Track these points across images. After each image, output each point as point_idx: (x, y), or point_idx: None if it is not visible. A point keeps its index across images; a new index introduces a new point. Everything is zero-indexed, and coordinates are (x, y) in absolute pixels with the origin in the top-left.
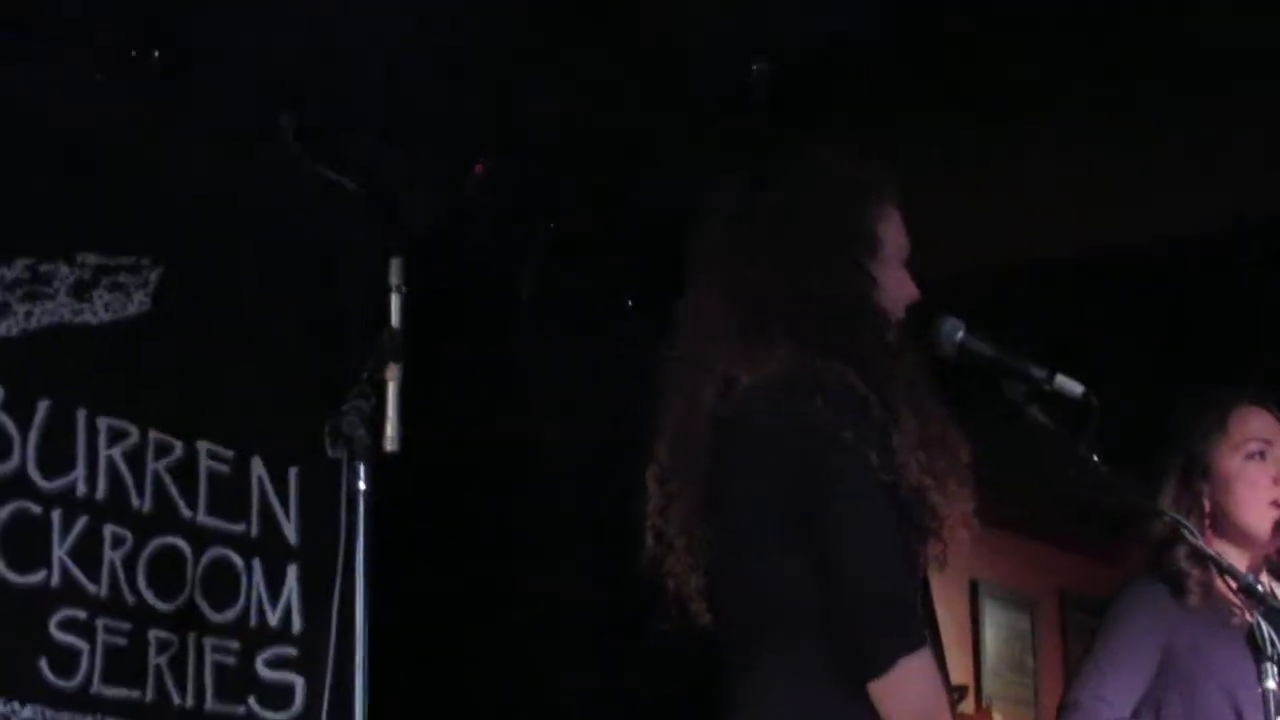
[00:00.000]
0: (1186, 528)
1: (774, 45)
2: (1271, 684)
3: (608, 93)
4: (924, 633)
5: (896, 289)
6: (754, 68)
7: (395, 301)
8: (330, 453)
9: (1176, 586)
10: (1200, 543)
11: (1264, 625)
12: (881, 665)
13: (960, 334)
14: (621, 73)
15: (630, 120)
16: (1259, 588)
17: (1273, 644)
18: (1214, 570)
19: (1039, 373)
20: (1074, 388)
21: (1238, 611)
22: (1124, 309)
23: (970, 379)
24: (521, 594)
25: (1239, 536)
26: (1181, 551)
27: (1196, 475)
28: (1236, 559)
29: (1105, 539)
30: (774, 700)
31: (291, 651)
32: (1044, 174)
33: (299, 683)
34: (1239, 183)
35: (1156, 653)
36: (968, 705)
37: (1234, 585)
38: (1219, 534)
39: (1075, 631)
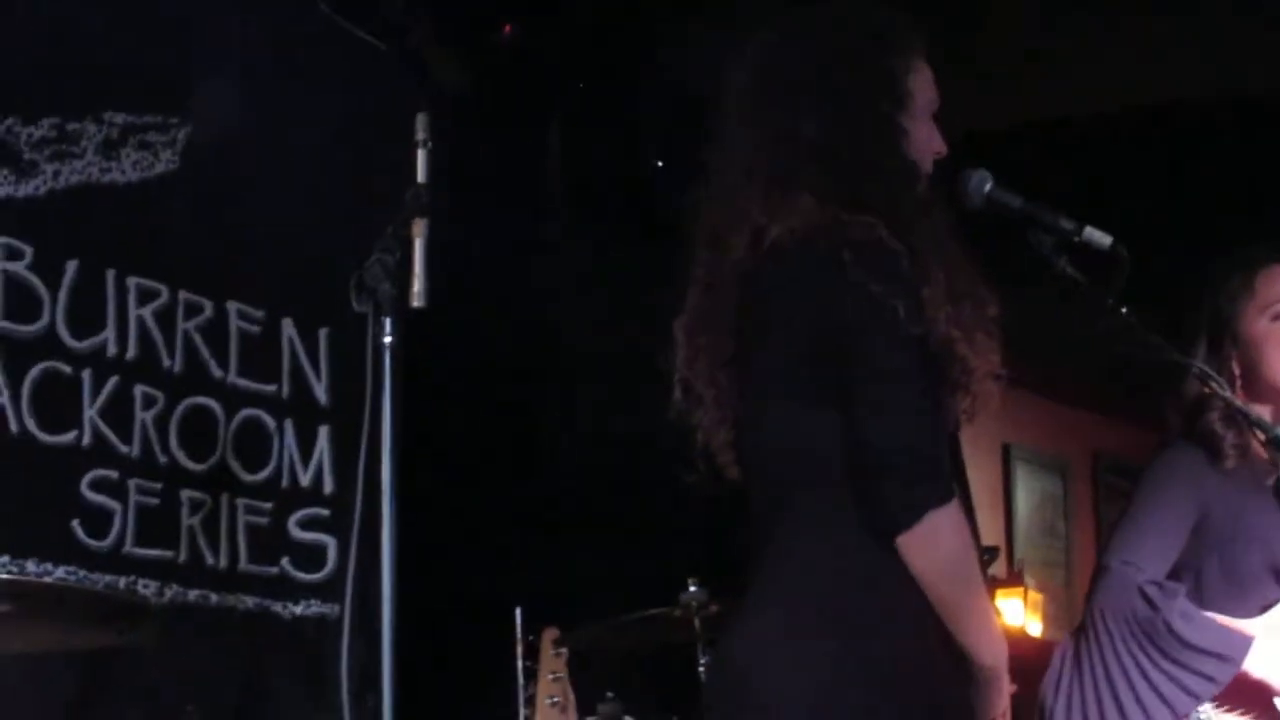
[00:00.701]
0: (1215, 379)
1: None
2: None
3: None
4: (952, 486)
5: (925, 142)
6: None
7: (422, 157)
8: (356, 306)
9: (1212, 449)
10: (1229, 394)
11: None
12: (909, 518)
13: (989, 185)
14: None
15: None
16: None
17: None
18: (1248, 429)
19: (1068, 224)
20: (1103, 239)
21: (1276, 468)
22: (1155, 169)
23: (998, 232)
24: (549, 450)
25: (1273, 395)
26: (1215, 413)
27: (1225, 338)
28: (1274, 418)
29: (1138, 402)
30: (803, 554)
31: (324, 512)
32: (1075, 31)
33: (331, 543)
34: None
35: (1191, 517)
36: (999, 568)
37: (1262, 438)
38: (1251, 395)
39: (1107, 495)
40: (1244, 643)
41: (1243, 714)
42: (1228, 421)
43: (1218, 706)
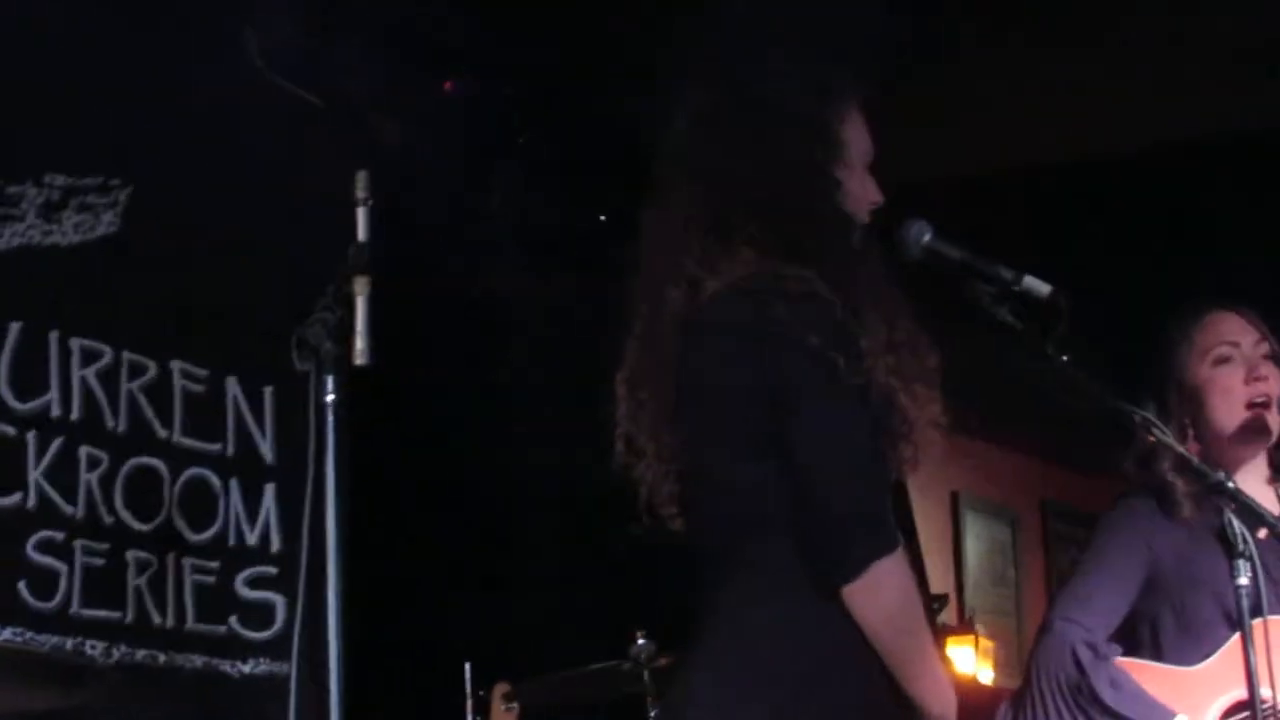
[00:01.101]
0: (1158, 427)
1: None
2: (1244, 580)
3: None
4: (896, 535)
5: (861, 192)
6: None
7: (362, 215)
8: (298, 365)
9: (1165, 498)
10: (1171, 441)
11: (1235, 522)
12: (854, 569)
13: (927, 236)
14: None
15: (597, 31)
16: (1230, 485)
17: (1244, 540)
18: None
19: (1006, 274)
20: (1041, 288)
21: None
22: (1105, 219)
23: (938, 284)
24: (495, 503)
25: (1220, 443)
26: (1168, 462)
27: (1171, 389)
28: (1226, 466)
29: (1087, 450)
30: (748, 607)
31: (271, 570)
32: (1020, 82)
33: (279, 601)
34: (1216, 96)
35: (1143, 569)
36: (949, 615)
37: (1205, 484)
38: (1202, 444)
39: (1057, 543)
40: (1164, 716)
41: None
42: (1180, 470)
43: None
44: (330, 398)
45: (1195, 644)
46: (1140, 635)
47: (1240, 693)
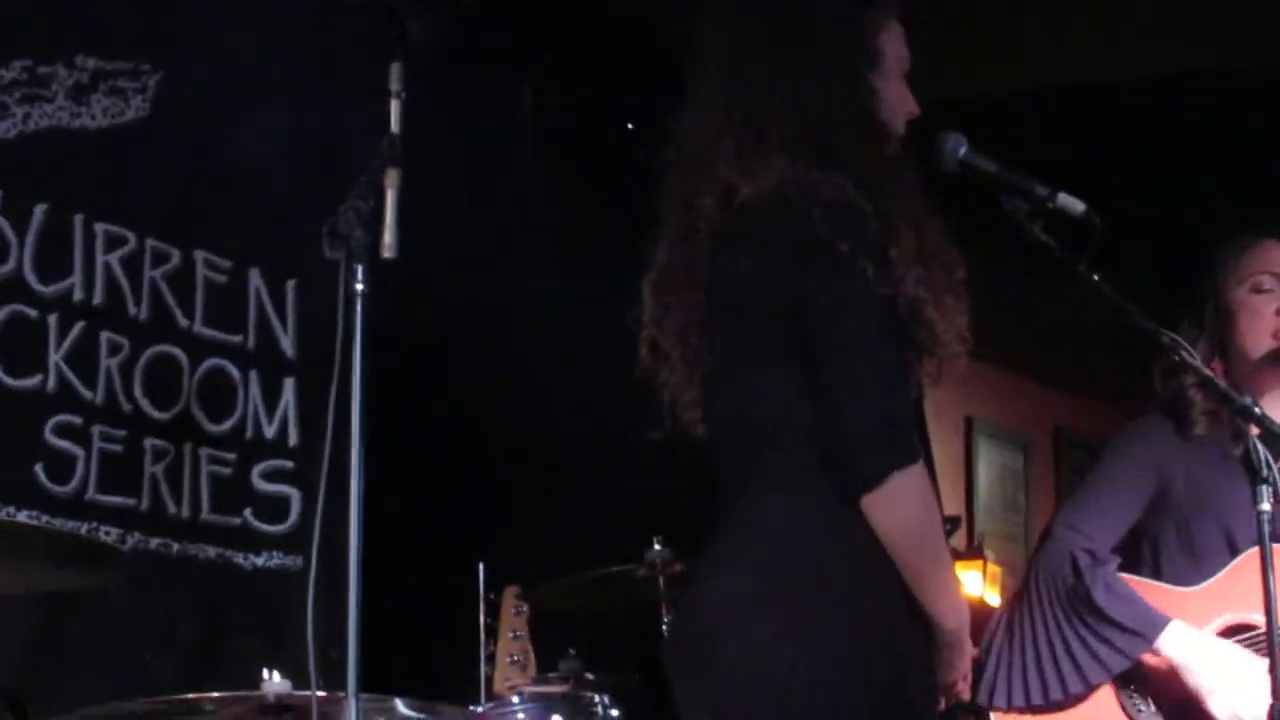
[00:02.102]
0: (1185, 348)
1: None
2: (1265, 506)
3: None
4: (917, 447)
5: (897, 102)
6: None
7: (395, 107)
8: (328, 253)
9: (1182, 415)
10: (1196, 361)
11: (1260, 447)
12: (873, 479)
13: (963, 149)
14: None
15: None
16: (1256, 409)
17: (1269, 466)
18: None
19: (1041, 190)
20: (1076, 205)
21: (1241, 439)
22: (1146, 143)
23: (965, 208)
24: (514, 405)
25: (1245, 367)
26: (1189, 379)
27: (1207, 307)
28: (1251, 390)
29: (1102, 379)
30: (768, 516)
31: (288, 464)
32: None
33: (294, 496)
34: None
35: (1150, 486)
36: (959, 540)
37: (1231, 407)
38: (1227, 366)
39: (1069, 470)
40: (1159, 622)
41: None
42: (1199, 387)
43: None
44: (360, 287)
45: (1195, 565)
46: (1141, 553)
47: (1234, 616)
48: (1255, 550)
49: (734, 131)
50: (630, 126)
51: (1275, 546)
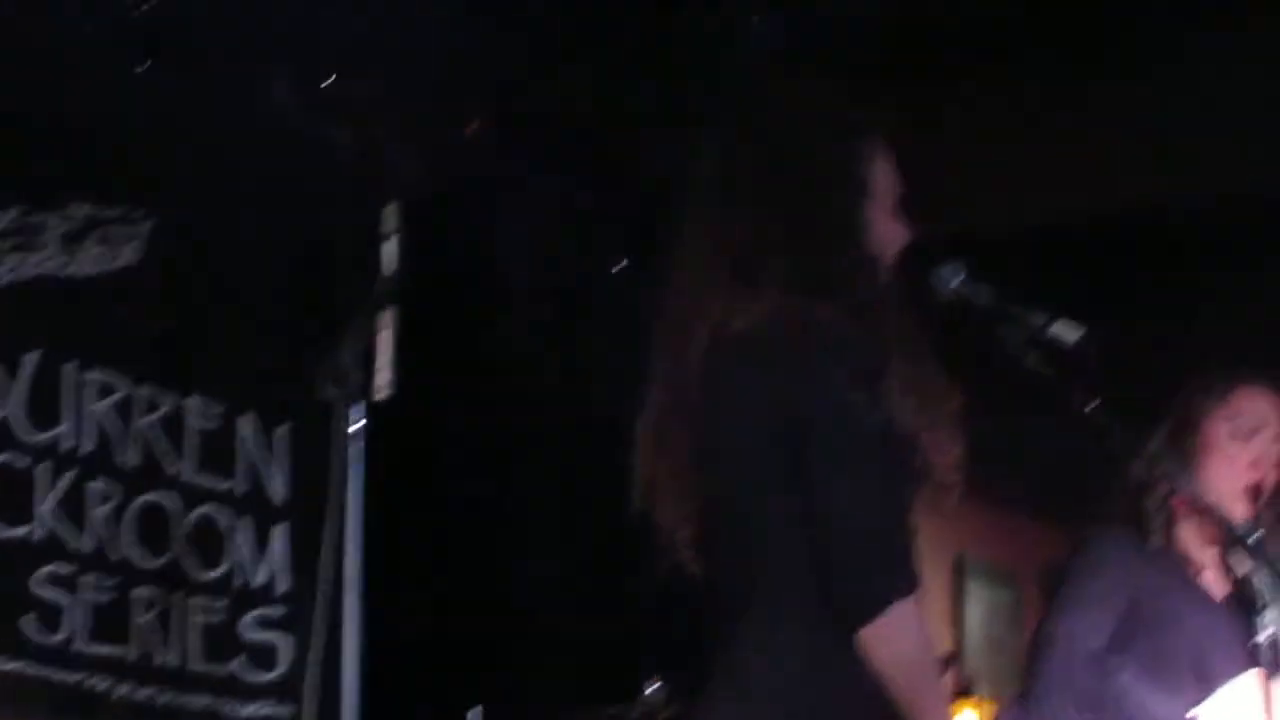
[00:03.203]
0: (1174, 470)
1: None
2: (1263, 637)
3: (603, 55)
4: (916, 578)
5: (887, 232)
6: (752, 19)
7: (389, 247)
8: (322, 395)
9: (1141, 530)
10: (1194, 488)
11: (1256, 577)
12: (872, 609)
13: (958, 279)
14: (618, 37)
15: (626, 81)
16: (1249, 539)
17: (1263, 596)
18: (1181, 519)
19: (1037, 319)
20: (1071, 334)
21: (1196, 566)
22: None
23: (967, 328)
24: (516, 549)
25: (1205, 507)
26: (1155, 498)
27: (1186, 431)
28: (1200, 530)
29: (1091, 515)
30: (766, 647)
31: (277, 611)
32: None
33: (284, 643)
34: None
35: (1124, 597)
36: (950, 680)
37: (1228, 537)
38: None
39: None
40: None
41: None
42: (1163, 512)
43: None
44: (355, 428)
45: (1164, 687)
46: (1110, 664)
47: None
48: (1246, 676)
49: (725, 266)
50: (625, 263)
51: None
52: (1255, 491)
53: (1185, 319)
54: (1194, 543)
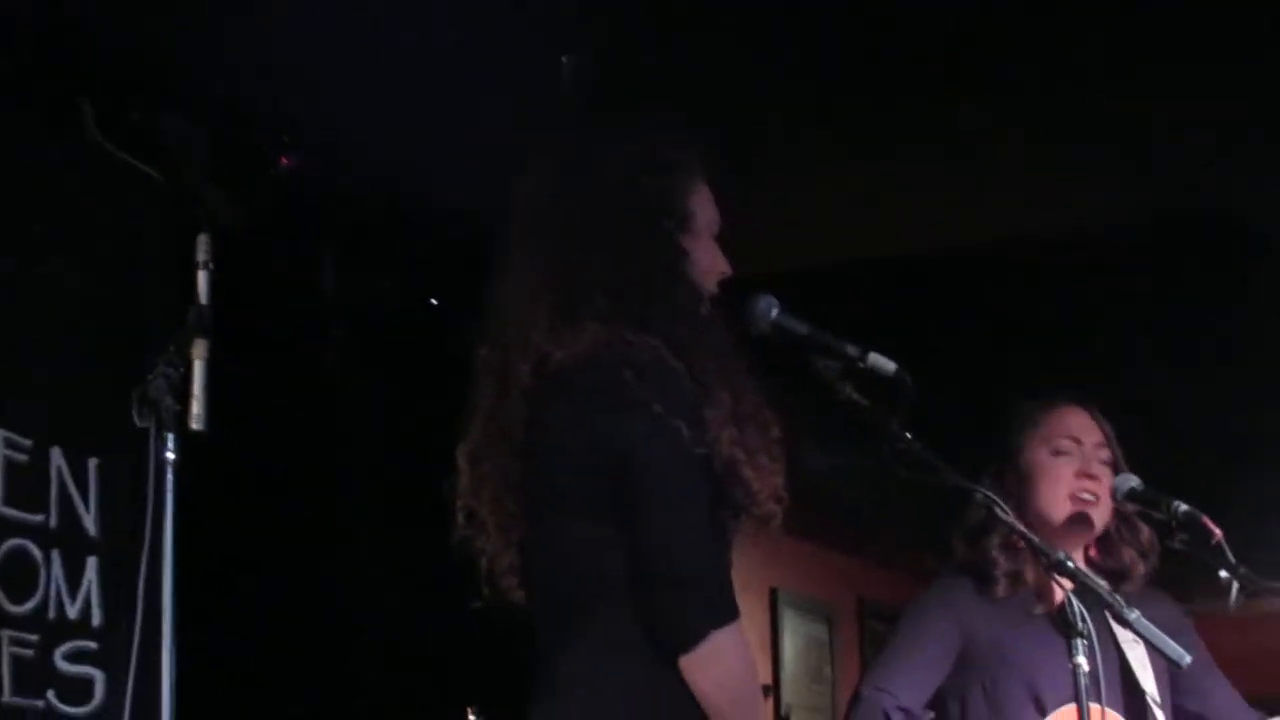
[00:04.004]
0: (999, 504)
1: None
2: (1082, 660)
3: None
4: (736, 606)
5: (708, 262)
6: (563, 59)
7: (203, 278)
8: (137, 421)
9: (984, 576)
10: (1012, 519)
11: (1075, 601)
12: (693, 638)
13: (775, 311)
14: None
15: (438, 117)
16: (1070, 564)
17: (1084, 620)
18: (1023, 558)
19: (853, 350)
20: (887, 365)
21: (1044, 599)
22: (939, 310)
23: (783, 358)
24: (333, 581)
25: (1042, 527)
26: (994, 540)
27: (1008, 467)
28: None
29: (902, 547)
30: (587, 676)
31: (91, 645)
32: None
33: (99, 676)
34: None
35: (955, 645)
36: (766, 712)
37: (1045, 562)
38: (1030, 528)
39: (872, 641)
40: None
41: None
42: (1004, 549)
43: None
44: (170, 456)
45: None
46: (950, 712)
47: None
48: (1067, 708)
49: (547, 298)
50: (435, 302)
51: (1092, 706)
52: (1090, 499)
53: (996, 350)
54: (1039, 573)
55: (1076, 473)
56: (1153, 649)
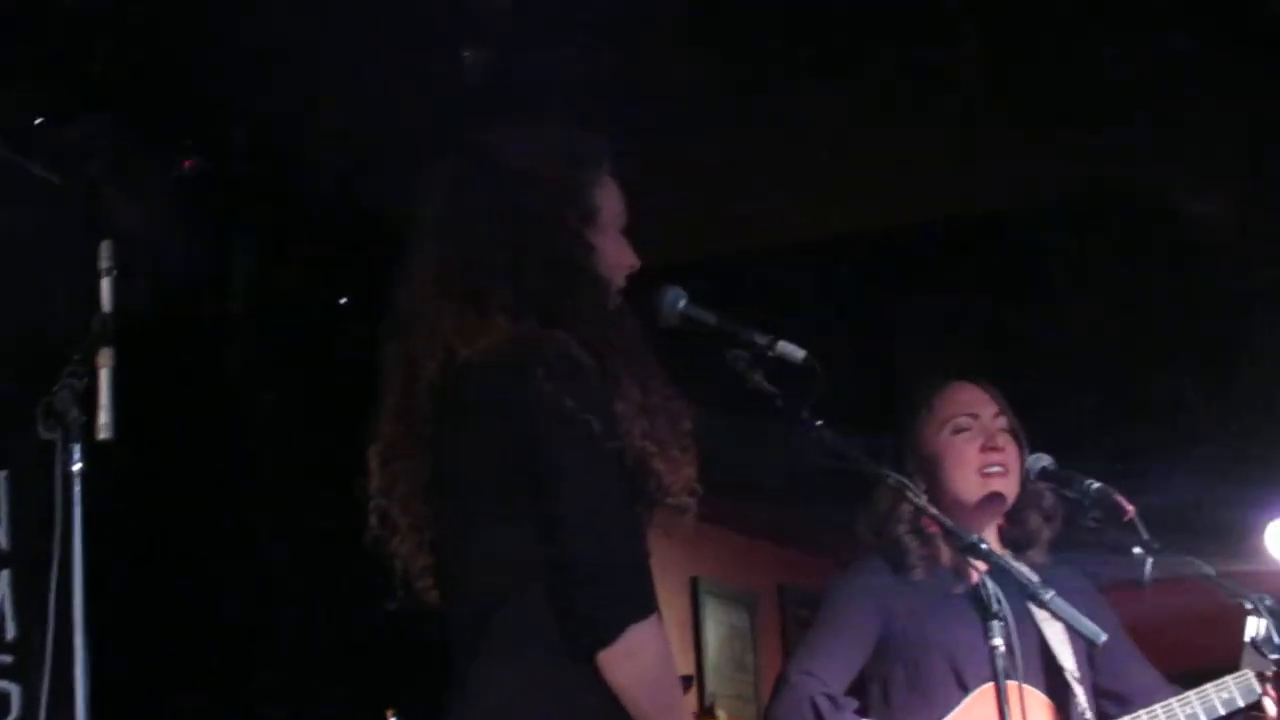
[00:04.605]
0: (910, 488)
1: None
2: (998, 641)
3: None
4: (654, 600)
5: (615, 256)
6: (465, 54)
7: (106, 285)
8: (43, 433)
9: (898, 561)
10: (923, 501)
11: (990, 583)
12: (610, 633)
13: (682, 302)
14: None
15: (344, 116)
16: (984, 545)
17: (999, 601)
18: (936, 540)
19: (761, 339)
20: (796, 353)
21: (961, 579)
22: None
23: (693, 350)
24: (246, 586)
25: (955, 509)
26: (903, 525)
27: (910, 456)
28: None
29: (822, 534)
30: (504, 674)
31: (6, 659)
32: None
33: (15, 690)
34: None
35: (875, 629)
36: (690, 701)
37: (958, 545)
38: (942, 511)
39: (794, 627)
40: None
41: None
42: (914, 534)
43: None
44: (77, 466)
45: (926, 704)
46: (871, 695)
47: None
48: (988, 686)
49: (454, 295)
50: (343, 301)
51: (1009, 683)
52: (999, 470)
53: (892, 337)
54: (952, 555)
55: (981, 447)
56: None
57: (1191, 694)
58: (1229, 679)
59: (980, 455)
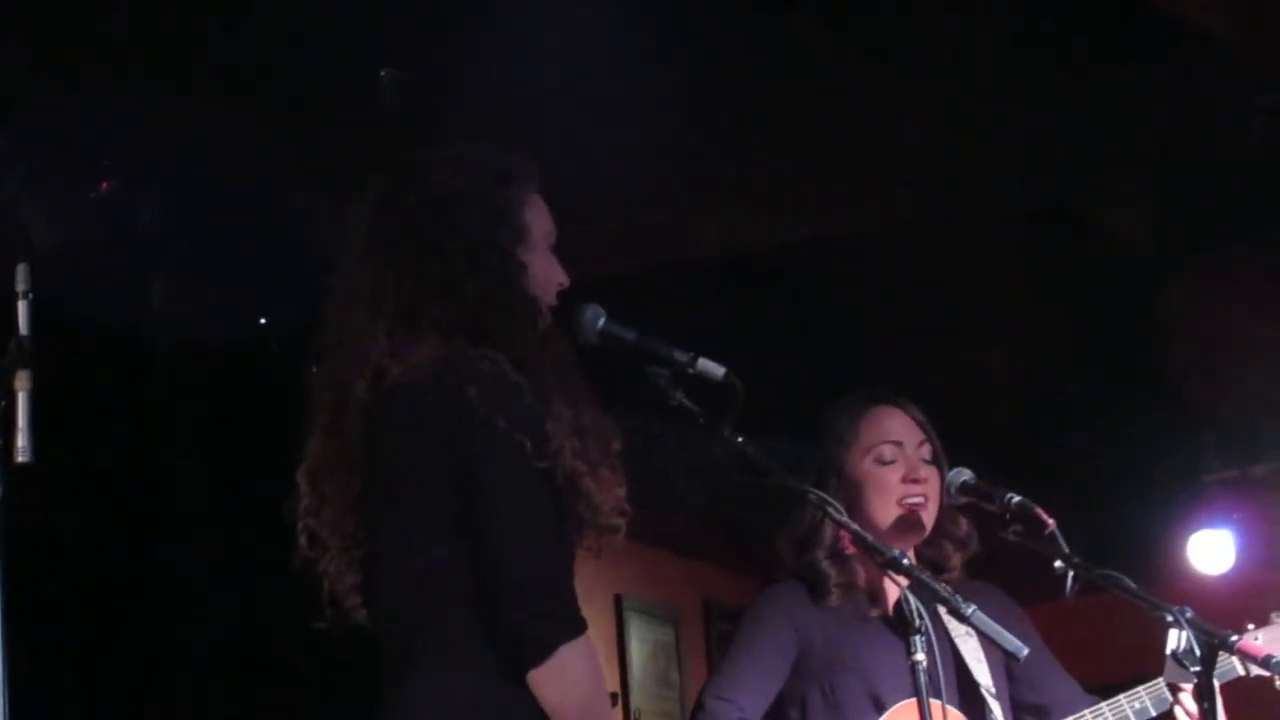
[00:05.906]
0: (832, 504)
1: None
2: (920, 656)
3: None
4: (582, 620)
5: (545, 274)
6: (381, 73)
7: (23, 308)
8: None
9: (815, 586)
10: (844, 517)
11: (912, 598)
12: (540, 653)
13: (601, 321)
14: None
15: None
16: (905, 560)
17: (920, 616)
18: (853, 563)
19: (681, 356)
20: (716, 370)
21: (878, 602)
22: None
23: (615, 368)
24: (170, 608)
25: (875, 533)
26: (822, 550)
27: (831, 477)
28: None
29: (746, 549)
30: (433, 693)
31: None
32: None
33: None
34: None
35: (791, 651)
36: (616, 718)
37: (880, 560)
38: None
39: (719, 643)
40: None
41: None
42: (832, 558)
43: None
44: None
45: None
46: (788, 717)
47: None
48: (907, 703)
49: (384, 314)
50: (264, 321)
51: (932, 701)
52: (919, 502)
53: (813, 350)
54: (871, 576)
55: (902, 478)
56: (987, 641)
57: (1104, 705)
58: (1141, 689)
59: (901, 486)
